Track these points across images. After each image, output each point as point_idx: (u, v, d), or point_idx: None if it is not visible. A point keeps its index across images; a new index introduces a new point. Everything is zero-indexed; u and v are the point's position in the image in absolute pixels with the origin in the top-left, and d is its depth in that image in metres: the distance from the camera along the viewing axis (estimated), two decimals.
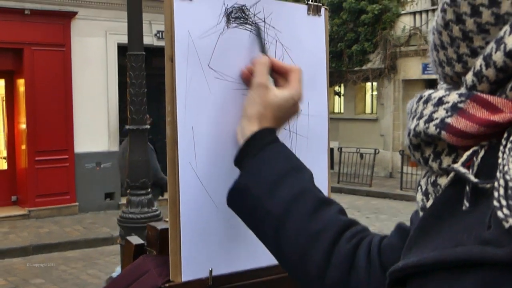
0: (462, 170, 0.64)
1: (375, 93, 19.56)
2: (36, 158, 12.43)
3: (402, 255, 0.68)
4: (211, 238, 1.29)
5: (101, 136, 13.19)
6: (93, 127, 12.99)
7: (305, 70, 1.31)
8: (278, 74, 1.26)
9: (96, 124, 13.04)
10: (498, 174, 0.58)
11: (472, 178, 0.62)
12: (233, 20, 1.30)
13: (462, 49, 0.70)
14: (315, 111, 1.49)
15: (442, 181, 0.71)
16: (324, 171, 1.52)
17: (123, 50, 8.43)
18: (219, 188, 1.27)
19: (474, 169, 0.64)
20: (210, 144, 1.27)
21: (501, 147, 0.60)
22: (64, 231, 11.22)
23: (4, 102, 13.48)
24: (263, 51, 1.30)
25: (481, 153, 0.64)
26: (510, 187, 0.55)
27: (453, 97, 0.67)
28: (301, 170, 1.11)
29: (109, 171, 13.12)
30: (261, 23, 1.34)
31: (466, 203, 0.62)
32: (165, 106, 1.23)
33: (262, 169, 1.10)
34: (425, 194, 0.74)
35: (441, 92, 0.70)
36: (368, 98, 20.29)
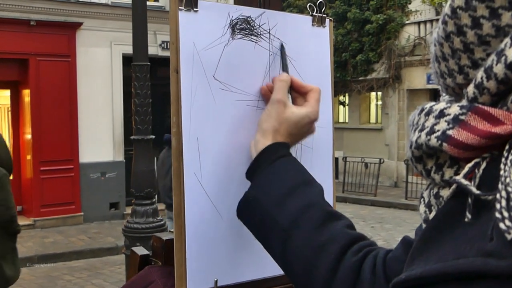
0: (464, 182, 0.64)
1: (380, 103, 19.54)
2: (41, 168, 12.45)
3: (405, 267, 0.68)
4: (216, 249, 1.29)
5: (106, 146, 13.21)
6: (98, 137, 13.01)
7: (310, 81, 1.32)
8: (297, 93, 1.28)
9: (101, 134, 13.07)
10: (500, 186, 0.58)
11: (474, 190, 0.62)
12: (238, 32, 1.31)
13: (463, 61, 0.70)
14: (320, 121, 1.48)
15: (445, 193, 0.71)
16: (329, 181, 1.52)
17: (128, 61, 8.47)
18: (224, 199, 1.28)
19: (476, 181, 0.64)
20: (215, 155, 1.28)
21: (503, 159, 0.60)
22: (69, 241, 11.22)
23: (10, 112, 13.53)
24: (284, 69, 1.33)
25: (483, 165, 0.64)
26: None
27: (454, 109, 0.67)
28: (311, 184, 1.12)
29: (114, 181, 13.13)
30: (266, 34, 1.35)
31: (468, 215, 0.62)
32: (170, 117, 1.24)
33: (272, 182, 1.11)
34: (428, 206, 0.74)
35: (443, 104, 0.70)
36: (373, 108, 20.27)
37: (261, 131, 1.20)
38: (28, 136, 12.63)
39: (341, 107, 20.73)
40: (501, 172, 0.59)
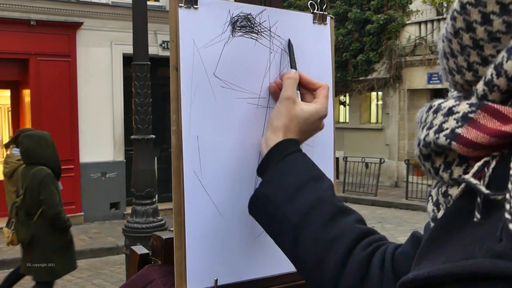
0: (473, 181, 0.62)
1: (380, 103, 19.54)
2: None
3: (413, 266, 0.67)
4: (216, 248, 1.28)
5: (107, 146, 13.20)
6: (99, 137, 13.00)
7: None
8: (306, 89, 1.30)
9: (102, 134, 13.06)
10: (510, 186, 0.57)
11: (484, 190, 0.61)
12: (239, 29, 1.30)
13: (473, 58, 0.69)
14: None
15: (453, 192, 0.69)
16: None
17: (129, 60, 8.46)
18: (224, 197, 1.27)
19: (486, 180, 0.63)
20: (215, 153, 1.27)
21: None
22: None
23: (10, 112, 13.53)
24: (293, 66, 1.34)
25: (493, 164, 0.63)
26: None
27: (464, 107, 0.66)
28: (321, 179, 1.13)
29: (114, 181, 13.13)
30: (267, 32, 1.34)
31: (477, 215, 0.61)
32: (170, 116, 1.23)
33: (283, 178, 1.12)
34: (436, 205, 0.73)
35: (451, 102, 0.69)
36: (373, 108, 20.27)
37: (272, 128, 1.21)
38: None
39: (342, 107, 20.74)
40: (511, 172, 0.58)
